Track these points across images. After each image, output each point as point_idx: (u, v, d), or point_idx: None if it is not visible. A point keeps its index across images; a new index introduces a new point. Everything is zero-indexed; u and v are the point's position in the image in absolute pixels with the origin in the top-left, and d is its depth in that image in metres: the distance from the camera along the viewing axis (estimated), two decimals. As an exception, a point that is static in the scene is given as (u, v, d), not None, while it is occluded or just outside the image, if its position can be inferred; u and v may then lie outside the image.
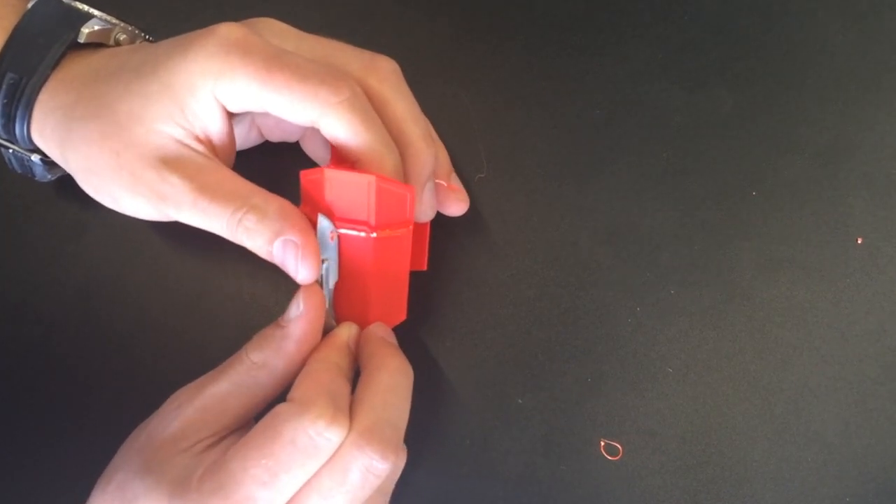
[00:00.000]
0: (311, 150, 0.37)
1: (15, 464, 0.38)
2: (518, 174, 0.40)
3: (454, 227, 0.39)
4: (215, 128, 0.31)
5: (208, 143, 0.32)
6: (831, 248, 0.39)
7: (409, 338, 0.35)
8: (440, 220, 0.38)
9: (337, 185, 0.31)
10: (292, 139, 0.37)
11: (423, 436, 0.38)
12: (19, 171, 0.36)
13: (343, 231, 0.31)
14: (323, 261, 0.31)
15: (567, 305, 0.39)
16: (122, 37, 0.35)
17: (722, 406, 0.38)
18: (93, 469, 0.32)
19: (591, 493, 0.38)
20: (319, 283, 0.31)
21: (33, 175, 0.36)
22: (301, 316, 0.30)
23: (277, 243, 0.30)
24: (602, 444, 0.38)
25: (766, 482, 0.37)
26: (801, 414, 0.38)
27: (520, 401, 0.38)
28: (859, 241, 0.39)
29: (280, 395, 0.30)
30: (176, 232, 0.39)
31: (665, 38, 0.41)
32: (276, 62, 0.30)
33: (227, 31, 0.30)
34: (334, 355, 0.31)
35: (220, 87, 0.30)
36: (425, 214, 0.35)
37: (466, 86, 0.40)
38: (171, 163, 0.30)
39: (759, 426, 0.38)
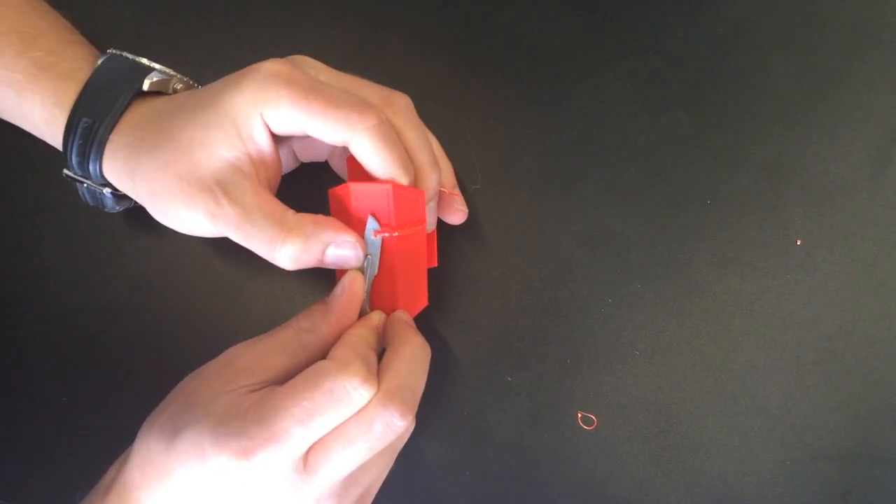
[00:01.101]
0: (338, 166, 0.39)
1: (78, 435, 0.40)
2: (508, 186, 0.41)
3: (454, 232, 0.40)
4: (265, 149, 0.33)
5: (262, 163, 0.33)
6: (774, 248, 0.40)
7: (417, 325, 0.36)
8: (444, 227, 0.39)
9: (361, 196, 0.33)
10: (321, 159, 0.39)
11: (427, 408, 0.38)
12: (91, 204, 0.38)
13: (370, 235, 0.33)
14: (367, 255, 0.33)
15: (549, 298, 0.40)
16: (179, 86, 0.37)
17: (681, 383, 0.39)
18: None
19: (570, 458, 0.39)
20: (362, 271, 0.34)
21: (104, 206, 0.38)
22: (344, 293, 0.33)
23: (331, 248, 0.32)
24: (579, 415, 0.39)
25: (719, 448, 0.39)
26: (748, 390, 0.39)
27: (509, 379, 0.40)
28: (798, 243, 0.40)
29: (316, 360, 0.32)
30: (211, 239, 0.42)
31: (632, 70, 0.42)
32: (313, 92, 0.32)
33: (272, 65, 0.32)
34: (367, 333, 0.33)
35: (268, 112, 0.32)
36: (430, 226, 0.37)
37: (463, 111, 0.42)
38: (223, 187, 0.32)
39: (712, 400, 0.39)
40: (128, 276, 0.41)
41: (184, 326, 0.40)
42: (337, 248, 0.32)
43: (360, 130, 0.32)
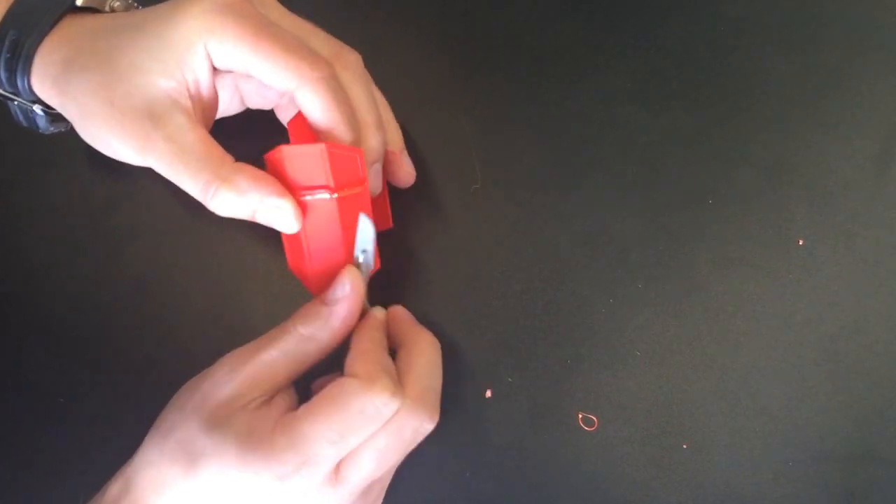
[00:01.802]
0: (286, 117, 0.37)
1: (83, 433, 0.40)
2: (508, 185, 0.41)
3: (453, 231, 0.40)
4: (205, 82, 0.31)
5: (197, 96, 0.32)
6: (776, 248, 0.40)
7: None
8: (444, 228, 0.40)
9: (296, 159, 0.31)
10: (267, 107, 0.37)
11: None
12: (25, 125, 0.36)
13: (309, 198, 0.32)
14: (362, 251, 0.33)
15: (549, 298, 0.40)
16: (117, 4, 0.35)
17: (683, 384, 0.39)
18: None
19: (570, 459, 0.39)
20: (358, 267, 0.33)
21: (37, 127, 0.36)
22: (347, 297, 0.32)
23: (264, 209, 0.31)
24: (580, 416, 0.39)
25: (721, 449, 0.39)
26: (750, 391, 0.39)
27: (509, 379, 0.40)
28: (800, 243, 0.40)
29: (319, 362, 0.32)
30: (216, 235, 0.41)
31: (633, 69, 0.42)
32: (265, 30, 0.30)
33: None
34: (378, 335, 0.32)
35: (213, 44, 0.30)
36: (375, 189, 0.35)
37: (464, 110, 0.42)
38: (157, 119, 0.30)
39: (714, 401, 0.39)
40: (126, 277, 0.41)
41: (183, 328, 0.40)
42: (268, 211, 0.31)
43: (308, 80, 0.30)
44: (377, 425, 0.30)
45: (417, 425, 0.30)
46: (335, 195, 0.32)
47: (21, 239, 0.42)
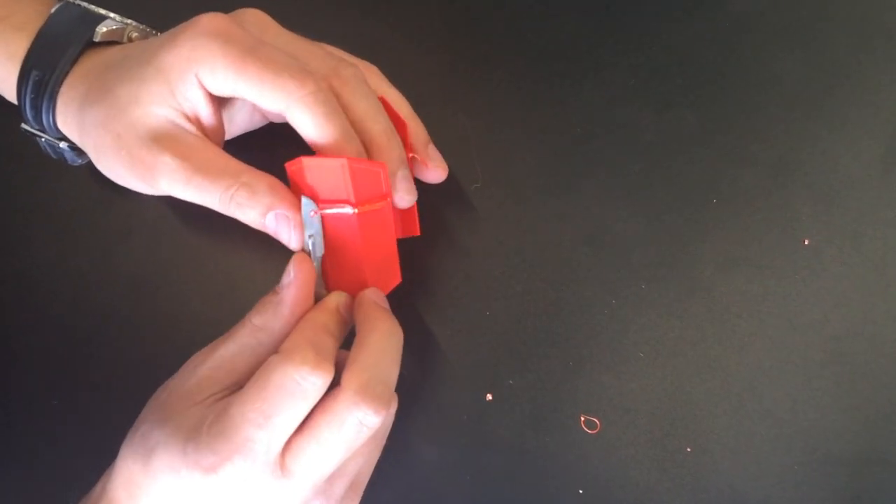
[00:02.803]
0: None
1: (73, 434, 0.40)
2: (509, 185, 0.41)
3: (453, 231, 0.40)
4: (203, 110, 0.32)
5: (198, 123, 0.32)
6: (781, 248, 0.40)
7: (414, 327, 0.36)
8: (442, 228, 0.39)
9: (316, 171, 0.31)
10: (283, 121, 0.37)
11: (427, 411, 0.39)
12: (54, 157, 0.37)
13: (328, 211, 0.32)
14: (309, 236, 0.32)
15: (551, 299, 0.40)
16: (135, 34, 0.35)
17: (686, 386, 0.39)
18: None
19: (572, 462, 0.39)
20: (308, 252, 0.32)
21: (65, 160, 0.37)
22: (292, 282, 0.31)
23: (270, 216, 0.31)
24: (582, 419, 0.39)
25: (725, 452, 0.38)
26: (755, 393, 0.39)
27: (510, 381, 0.39)
28: (805, 243, 0.40)
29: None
30: (212, 234, 0.41)
31: (636, 67, 0.42)
32: (251, 54, 0.30)
33: (210, 20, 0.31)
34: (322, 317, 0.31)
35: (202, 73, 0.30)
36: (404, 200, 0.34)
37: (464, 108, 0.42)
38: (165, 142, 0.31)
39: (718, 403, 0.39)
40: (120, 277, 0.41)
41: (177, 328, 0.40)
42: (275, 219, 0.31)
43: (295, 99, 0.30)
44: (304, 403, 0.28)
45: (361, 416, 0.28)
46: (356, 210, 0.32)
47: (14, 238, 0.41)
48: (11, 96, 0.36)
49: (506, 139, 0.41)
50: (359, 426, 0.29)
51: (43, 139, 0.36)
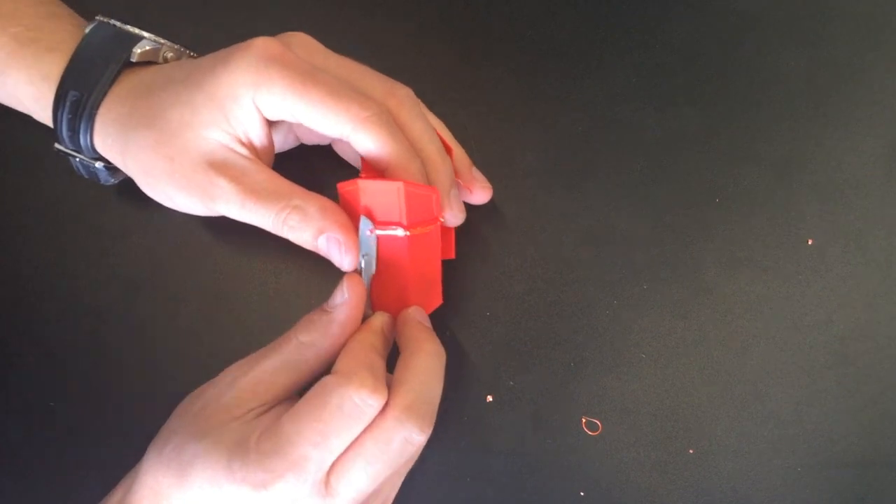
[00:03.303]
0: (343, 152, 0.38)
1: (67, 439, 0.39)
2: (509, 183, 0.41)
3: (455, 232, 0.40)
4: (256, 133, 0.32)
5: (251, 146, 0.33)
6: (785, 248, 0.40)
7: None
8: (443, 227, 0.38)
9: (370, 193, 0.32)
10: (325, 143, 0.38)
11: None
12: (86, 177, 0.38)
13: (380, 232, 0.33)
14: (363, 255, 0.33)
15: (552, 299, 0.40)
16: (170, 55, 0.36)
17: (689, 387, 0.39)
18: (139, 444, 0.33)
19: (573, 464, 0.38)
20: (359, 273, 0.33)
21: (98, 179, 0.37)
22: (345, 302, 0.31)
23: (322, 238, 0.32)
24: (583, 420, 0.39)
25: (728, 454, 0.38)
26: (758, 395, 0.39)
27: (511, 383, 0.39)
28: (810, 243, 0.40)
29: (322, 372, 0.31)
30: (209, 234, 0.40)
31: (639, 64, 0.42)
32: (310, 78, 0.31)
33: (265, 44, 0.31)
34: (370, 337, 0.32)
35: (260, 97, 0.31)
36: (455, 218, 0.35)
37: (465, 106, 0.41)
38: (219, 166, 0.31)
39: (721, 405, 0.39)
40: (117, 277, 0.40)
41: (174, 330, 0.40)
42: (327, 241, 0.32)
43: (360, 121, 0.31)
44: (359, 425, 0.29)
45: (406, 435, 0.29)
46: (407, 233, 0.32)
47: (9, 239, 0.41)
48: (43, 116, 0.36)
49: (506, 137, 0.41)
50: (404, 444, 0.29)
51: (77, 159, 0.36)
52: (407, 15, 0.42)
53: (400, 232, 0.32)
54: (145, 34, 0.36)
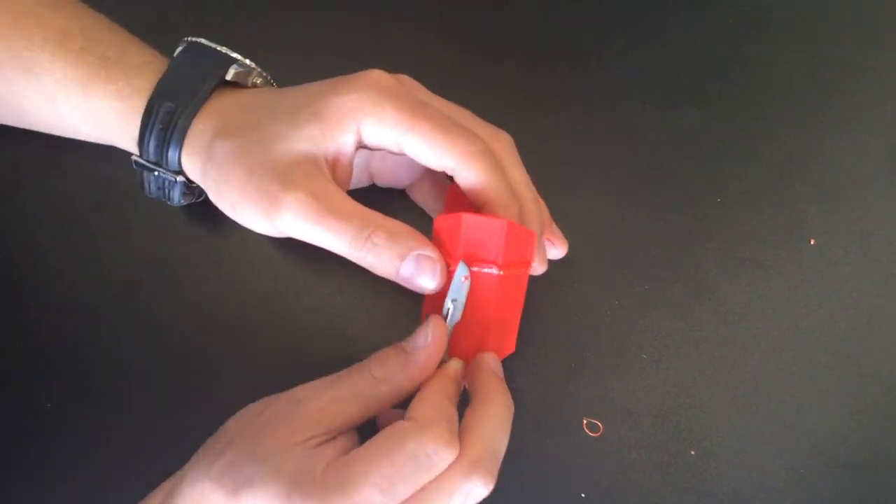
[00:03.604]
0: (420, 198, 0.38)
1: (59, 446, 0.39)
2: None
3: None
4: (345, 158, 0.32)
5: (333, 167, 0.33)
6: (787, 248, 0.40)
7: (412, 328, 0.34)
8: None
9: (473, 228, 0.31)
10: (399, 186, 0.39)
11: None
12: (153, 195, 0.38)
13: (475, 269, 0.32)
14: (452, 300, 0.32)
15: (552, 300, 0.40)
16: (258, 80, 0.37)
17: (691, 388, 0.39)
18: (137, 451, 0.33)
19: (574, 466, 0.38)
20: (445, 317, 0.32)
21: (169, 199, 0.37)
22: (429, 345, 0.31)
23: (410, 259, 0.31)
24: (585, 422, 0.39)
25: (730, 455, 0.38)
26: (760, 395, 0.39)
27: (511, 384, 0.38)
28: (812, 243, 0.40)
29: (389, 408, 0.31)
30: (209, 235, 0.40)
31: (641, 63, 0.42)
32: (421, 111, 0.32)
33: (380, 77, 0.32)
34: (447, 385, 0.31)
35: (367, 123, 0.31)
36: (541, 267, 0.35)
37: (464, 105, 0.39)
38: (299, 179, 0.31)
39: (723, 406, 0.39)
40: (115, 279, 0.40)
41: (173, 332, 0.40)
42: (416, 262, 0.31)
43: (468, 156, 0.32)
44: (428, 475, 0.28)
45: (470, 489, 0.28)
46: (501, 272, 0.32)
47: (6, 239, 0.41)
48: (124, 134, 0.36)
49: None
50: (466, 498, 0.29)
51: (155, 173, 0.36)
52: (405, 13, 0.42)
53: (494, 270, 0.32)
54: (237, 56, 0.36)
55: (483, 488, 0.29)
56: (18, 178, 0.41)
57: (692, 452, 0.38)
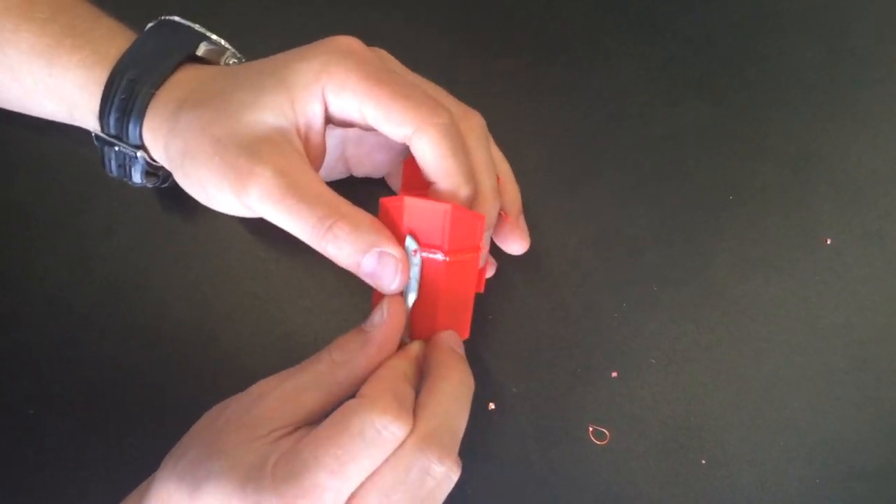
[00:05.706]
0: (397, 185, 0.37)
1: (46, 449, 0.38)
2: None
3: None
4: (315, 129, 0.31)
5: (305, 141, 0.32)
6: (801, 248, 0.39)
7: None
8: None
9: (416, 212, 0.31)
10: (377, 174, 0.38)
11: None
12: (114, 174, 0.37)
13: (422, 254, 0.32)
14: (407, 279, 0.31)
15: (557, 302, 0.39)
16: (233, 61, 0.36)
17: (701, 394, 0.38)
18: (117, 451, 0.33)
19: (580, 476, 0.38)
20: (403, 296, 0.32)
21: (130, 178, 0.36)
22: (384, 323, 0.30)
23: (372, 255, 0.30)
24: (590, 429, 0.38)
25: (742, 464, 0.38)
26: (773, 401, 0.38)
27: (514, 389, 0.38)
28: (827, 242, 0.39)
29: (352, 395, 0.30)
30: (195, 234, 0.40)
31: (648, 56, 0.41)
32: (385, 76, 0.31)
33: (346, 40, 0.32)
34: (403, 364, 0.31)
35: (331, 87, 0.30)
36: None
37: (467, 100, 0.39)
38: (266, 152, 0.30)
39: (735, 412, 0.38)
40: (99, 280, 0.40)
41: (158, 333, 0.39)
42: (377, 259, 0.30)
43: (427, 125, 0.30)
44: (380, 453, 0.28)
45: (425, 465, 0.28)
46: (447, 258, 0.31)
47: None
48: (86, 107, 0.35)
49: (509, 133, 0.40)
50: (422, 474, 0.28)
51: (116, 148, 0.35)
52: (409, 7, 0.42)
53: (440, 256, 0.31)
54: (212, 35, 0.35)
55: (438, 464, 0.28)
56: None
57: (703, 461, 0.38)
